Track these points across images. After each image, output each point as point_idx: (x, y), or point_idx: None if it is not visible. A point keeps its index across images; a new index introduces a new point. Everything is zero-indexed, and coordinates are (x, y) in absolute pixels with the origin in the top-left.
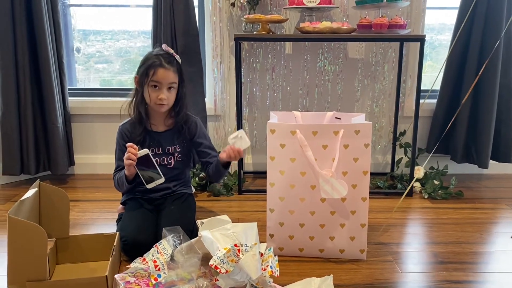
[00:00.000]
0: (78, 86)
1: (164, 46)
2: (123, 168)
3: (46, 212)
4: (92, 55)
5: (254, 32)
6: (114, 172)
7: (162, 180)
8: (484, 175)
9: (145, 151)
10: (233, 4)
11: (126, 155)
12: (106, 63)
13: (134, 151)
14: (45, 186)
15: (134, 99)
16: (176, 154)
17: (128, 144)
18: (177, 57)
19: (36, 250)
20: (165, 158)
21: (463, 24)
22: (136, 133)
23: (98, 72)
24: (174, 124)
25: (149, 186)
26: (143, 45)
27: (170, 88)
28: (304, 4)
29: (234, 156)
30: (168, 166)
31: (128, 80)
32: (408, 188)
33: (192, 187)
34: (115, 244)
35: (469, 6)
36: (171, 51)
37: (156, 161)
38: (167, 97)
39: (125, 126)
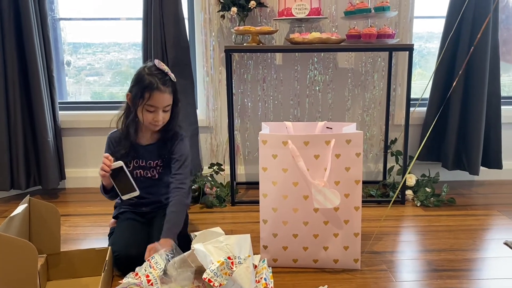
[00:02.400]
0: (69, 99)
1: (157, 62)
2: None
3: (36, 228)
4: (83, 68)
5: (245, 44)
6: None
7: (137, 193)
8: (476, 182)
9: (119, 163)
10: (223, 16)
11: (100, 166)
12: (97, 76)
13: (108, 163)
14: (35, 201)
15: (125, 115)
16: (158, 168)
17: (104, 154)
18: (172, 76)
19: (27, 267)
20: (148, 171)
21: (451, 34)
22: (121, 146)
23: (89, 85)
24: (159, 138)
25: (124, 197)
26: (134, 57)
27: (165, 110)
28: (294, 16)
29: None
30: (153, 178)
31: (119, 92)
32: (395, 196)
33: None
34: (107, 259)
35: (456, 15)
36: (166, 69)
37: (140, 173)
38: (163, 118)
39: (113, 135)
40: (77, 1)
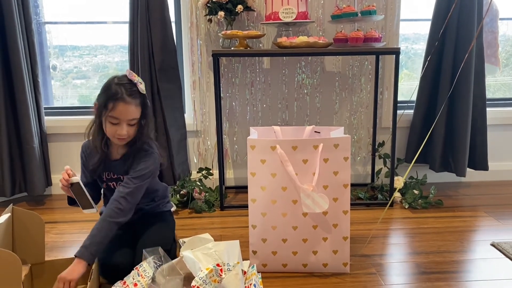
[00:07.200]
0: (56, 103)
1: (127, 73)
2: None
3: (20, 238)
4: (69, 71)
5: (232, 48)
6: None
7: (94, 210)
8: (462, 183)
9: (76, 179)
10: (210, 20)
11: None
12: (84, 79)
13: (66, 177)
14: (18, 210)
15: (92, 127)
16: None
17: (66, 167)
18: (141, 87)
19: (10, 278)
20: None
21: (438, 38)
22: (92, 158)
23: (76, 88)
24: (124, 154)
25: (85, 211)
26: (122, 60)
27: (130, 123)
28: (281, 20)
29: None
30: None
31: None
32: (390, 201)
33: (173, 204)
34: (93, 267)
35: (441, 18)
36: (135, 79)
37: (113, 185)
38: (127, 132)
39: (85, 145)
40: (63, 5)
